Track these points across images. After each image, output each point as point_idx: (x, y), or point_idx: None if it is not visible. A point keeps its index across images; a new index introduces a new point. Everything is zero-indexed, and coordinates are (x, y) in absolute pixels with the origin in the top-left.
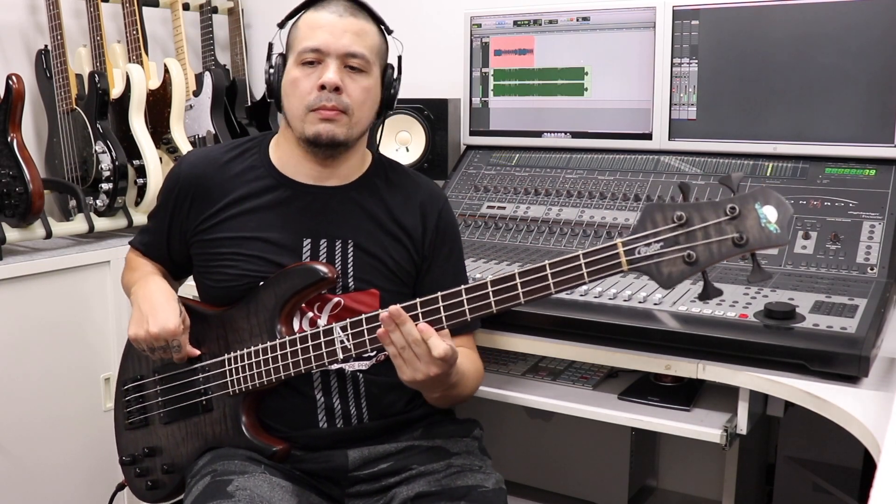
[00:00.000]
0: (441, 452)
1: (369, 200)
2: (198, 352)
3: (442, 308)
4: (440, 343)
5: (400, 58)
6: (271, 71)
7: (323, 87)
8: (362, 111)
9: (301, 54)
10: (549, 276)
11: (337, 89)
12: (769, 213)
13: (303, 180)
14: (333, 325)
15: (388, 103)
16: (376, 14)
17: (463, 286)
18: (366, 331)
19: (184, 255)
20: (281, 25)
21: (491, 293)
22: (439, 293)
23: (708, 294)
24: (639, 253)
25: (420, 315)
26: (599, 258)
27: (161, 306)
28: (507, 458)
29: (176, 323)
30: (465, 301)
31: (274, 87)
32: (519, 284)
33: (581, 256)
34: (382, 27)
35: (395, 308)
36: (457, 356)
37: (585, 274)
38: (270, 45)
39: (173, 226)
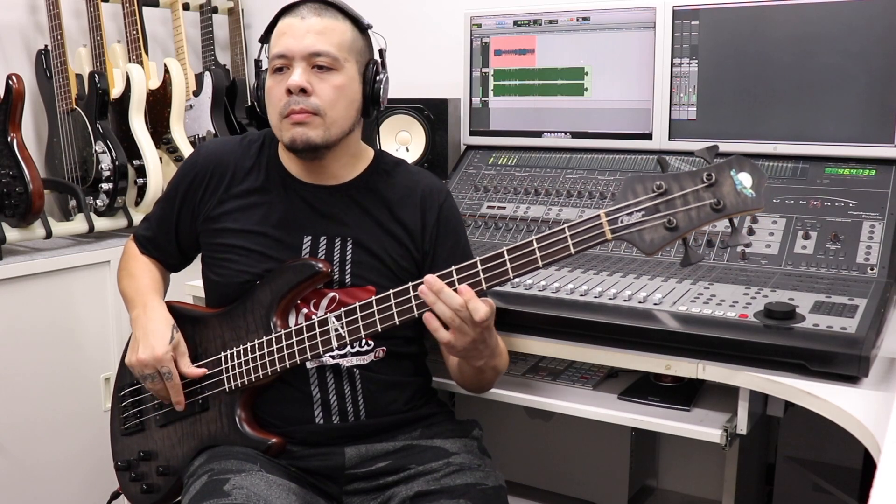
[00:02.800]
0: (440, 452)
1: (369, 198)
2: (200, 372)
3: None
4: (481, 306)
5: (382, 51)
6: (256, 87)
7: (290, 92)
8: (336, 111)
9: (272, 63)
10: (537, 249)
11: (303, 91)
12: (744, 179)
13: (305, 179)
14: (328, 314)
15: (374, 99)
16: (347, 10)
17: (454, 266)
18: (359, 318)
19: (191, 241)
20: (262, 40)
21: (481, 271)
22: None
23: (689, 259)
24: (621, 222)
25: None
26: (584, 229)
27: (152, 333)
28: (507, 458)
29: (164, 349)
30: (455, 281)
31: (262, 103)
32: (508, 261)
33: (566, 229)
34: (358, 24)
35: (431, 276)
36: (493, 311)
37: (571, 245)
38: (257, 63)
39: (184, 209)
